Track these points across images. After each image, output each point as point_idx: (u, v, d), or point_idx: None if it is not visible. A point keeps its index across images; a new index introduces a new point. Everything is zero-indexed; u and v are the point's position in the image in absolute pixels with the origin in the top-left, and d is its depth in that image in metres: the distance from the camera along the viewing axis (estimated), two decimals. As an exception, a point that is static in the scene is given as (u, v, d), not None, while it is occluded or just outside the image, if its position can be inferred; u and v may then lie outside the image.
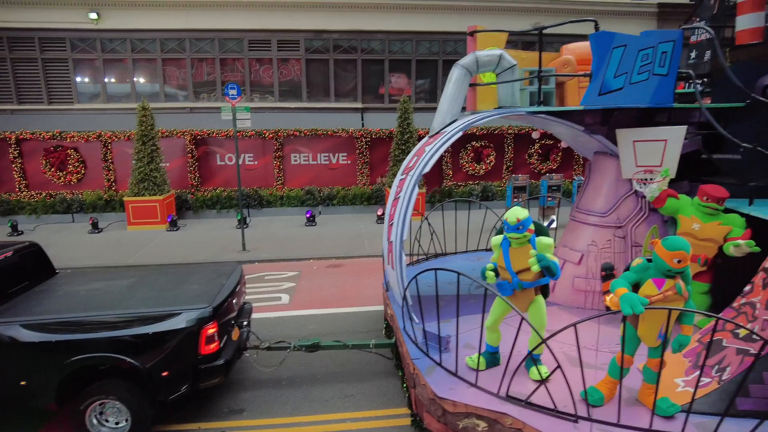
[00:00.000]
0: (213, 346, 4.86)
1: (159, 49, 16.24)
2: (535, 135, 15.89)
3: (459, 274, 4.26)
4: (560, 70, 6.70)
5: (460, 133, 5.60)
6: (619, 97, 5.61)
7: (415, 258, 8.11)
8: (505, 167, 17.45)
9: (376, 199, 16.47)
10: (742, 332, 3.95)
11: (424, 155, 5.63)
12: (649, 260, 3.76)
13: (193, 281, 5.68)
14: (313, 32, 16.46)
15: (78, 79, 16.29)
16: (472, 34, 6.85)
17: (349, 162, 16.88)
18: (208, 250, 11.98)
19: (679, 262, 3.53)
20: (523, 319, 3.91)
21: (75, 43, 15.93)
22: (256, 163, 16.52)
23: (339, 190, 16.56)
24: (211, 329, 4.80)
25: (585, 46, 6.19)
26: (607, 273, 4.65)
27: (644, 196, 6.01)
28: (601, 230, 6.29)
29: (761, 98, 5.60)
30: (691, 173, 6.12)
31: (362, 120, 17.25)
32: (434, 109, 6.51)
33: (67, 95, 16.28)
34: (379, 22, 16.55)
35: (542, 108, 5.91)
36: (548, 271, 4.13)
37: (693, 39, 7.35)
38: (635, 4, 17.73)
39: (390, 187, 15.54)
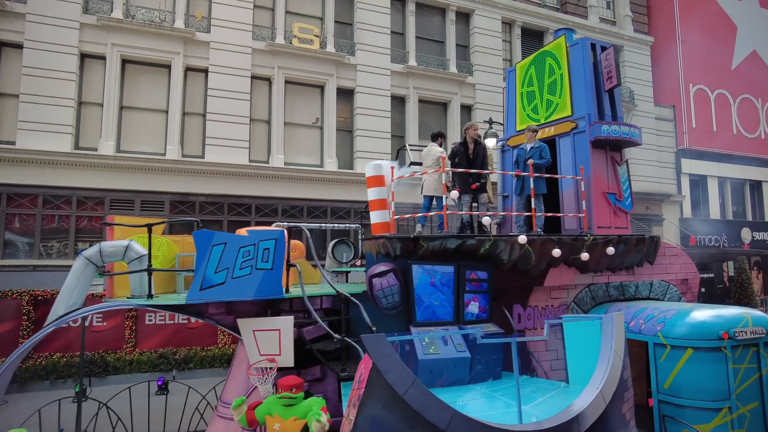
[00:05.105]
0: None
1: (4, 203, 15.34)
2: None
3: None
4: None
5: (55, 327, 5.75)
6: (222, 291, 5.68)
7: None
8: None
9: (237, 359, 16.06)
10: None
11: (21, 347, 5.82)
12: None
13: None
14: (179, 194, 16.93)
15: None
16: (109, 224, 7.10)
17: (210, 320, 16.52)
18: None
19: None
20: None
21: None
22: (104, 324, 15.44)
23: (197, 351, 15.94)
24: None
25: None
26: None
27: (274, 384, 5.76)
28: (232, 424, 5.89)
29: (342, 292, 6.18)
30: (317, 359, 6.31)
31: (226, 277, 17.31)
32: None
33: None
34: (244, 188, 17.64)
35: (150, 301, 6.05)
36: None
37: None
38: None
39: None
